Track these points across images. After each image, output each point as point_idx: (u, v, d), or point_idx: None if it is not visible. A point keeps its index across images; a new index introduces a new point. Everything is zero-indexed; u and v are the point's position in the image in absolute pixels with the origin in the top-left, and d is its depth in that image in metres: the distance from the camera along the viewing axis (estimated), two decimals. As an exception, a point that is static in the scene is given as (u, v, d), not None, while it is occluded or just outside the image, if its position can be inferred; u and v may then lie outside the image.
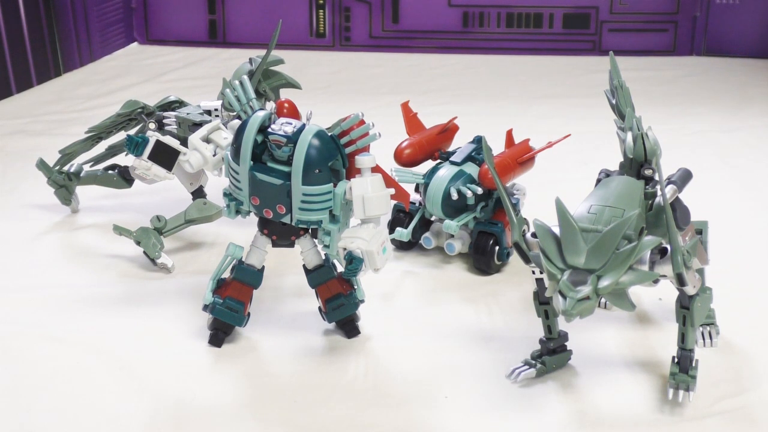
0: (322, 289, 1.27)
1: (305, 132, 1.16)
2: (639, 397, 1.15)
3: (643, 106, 1.45)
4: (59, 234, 1.68)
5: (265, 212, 1.20)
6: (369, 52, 3.14)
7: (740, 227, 1.68)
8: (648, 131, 1.19)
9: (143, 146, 1.52)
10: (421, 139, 1.58)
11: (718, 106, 2.52)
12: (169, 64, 2.99)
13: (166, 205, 1.68)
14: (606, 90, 1.29)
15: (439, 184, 1.49)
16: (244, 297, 1.26)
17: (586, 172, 1.48)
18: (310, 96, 2.10)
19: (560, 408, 1.13)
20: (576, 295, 0.97)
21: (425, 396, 1.16)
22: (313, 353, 1.27)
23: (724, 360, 1.23)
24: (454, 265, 1.54)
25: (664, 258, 1.05)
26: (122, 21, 3.18)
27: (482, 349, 1.27)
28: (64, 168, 1.70)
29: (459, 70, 2.95)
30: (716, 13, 3.07)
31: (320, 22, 3.18)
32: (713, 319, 1.27)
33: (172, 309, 1.38)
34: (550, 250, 1.00)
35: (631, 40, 3.09)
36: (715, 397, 1.14)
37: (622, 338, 1.29)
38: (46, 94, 2.63)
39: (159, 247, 1.49)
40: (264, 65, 1.63)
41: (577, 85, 2.74)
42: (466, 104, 2.45)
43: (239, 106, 1.22)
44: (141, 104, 1.67)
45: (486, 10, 3.13)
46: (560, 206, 1.02)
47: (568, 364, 1.22)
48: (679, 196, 1.18)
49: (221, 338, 1.27)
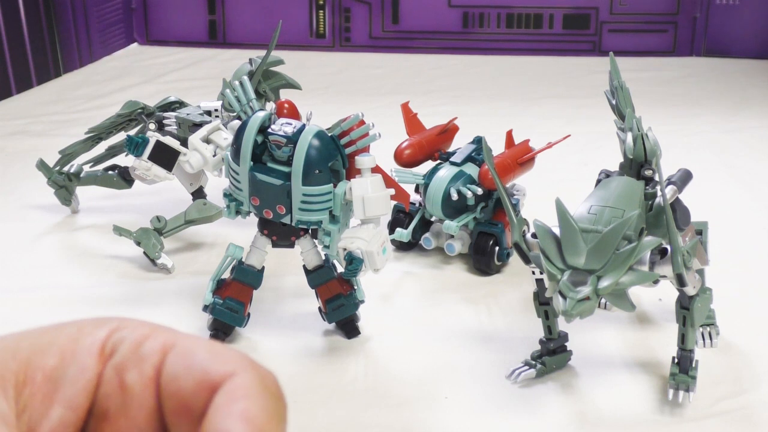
0: (322, 290, 1.27)
1: (305, 132, 1.16)
2: (639, 398, 1.15)
3: (643, 106, 1.45)
4: (59, 234, 1.68)
5: (265, 213, 1.20)
6: (369, 52, 3.14)
7: (740, 227, 1.68)
8: (648, 132, 1.19)
9: (143, 147, 1.52)
10: (421, 139, 1.58)
11: (717, 107, 2.52)
12: (169, 64, 2.99)
13: (166, 206, 1.68)
14: (606, 91, 1.29)
15: (439, 184, 1.49)
16: (244, 297, 1.26)
17: (586, 172, 1.49)
18: (310, 96, 2.10)
19: (560, 408, 1.13)
20: (576, 295, 0.97)
21: (425, 396, 1.16)
22: (313, 354, 1.27)
23: (724, 360, 1.23)
24: (454, 266, 1.54)
25: (664, 258, 1.05)
26: (122, 21, 3.18)
27: (482, 349, 1.27)
28: (64, 169, 1.70)
29: (459, 70, 2.95)
30: (716, 14, 3.07)
31: (320, 22, 3.18)
32: (713, 320, 1.27)
33: (172, 309, 1.38)
34: (550, 250, 1.00)
35: (631, 40, 3.09)
36: (715, 398, 1.14)
37: (622, 339, 1.29)
38: (46, 94, 2.63)
39: (159, 247, 1.49)
40: (264, 66, 1.63)
41: (577, 85, 2.74)
42: (466, 105, 2.45)
43: (239, 106, 1.22)
44: (141, 105, 1.67)
45: (486, 10, 3.13)
46: (560, 207, 1.02)
47: (568, 365, 1.22)
48: (679, 196, 1.18)
49: (221, 339, 1.27)
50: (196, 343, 0.39)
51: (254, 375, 0.38)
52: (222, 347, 0.39)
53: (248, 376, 0.38)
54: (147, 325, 0.41)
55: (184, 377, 0.38)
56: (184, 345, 0.39)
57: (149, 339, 0.40)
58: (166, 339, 0.39)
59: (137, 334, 0.40)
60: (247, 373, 0.38)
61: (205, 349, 0.39)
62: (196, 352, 0.39)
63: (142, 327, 0.40)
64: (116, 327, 0.40)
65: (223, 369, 0.38)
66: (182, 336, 0.40)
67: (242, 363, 0.38)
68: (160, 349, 0.39)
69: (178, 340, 0.39)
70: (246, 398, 0.37)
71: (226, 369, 0.38)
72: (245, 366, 0.38)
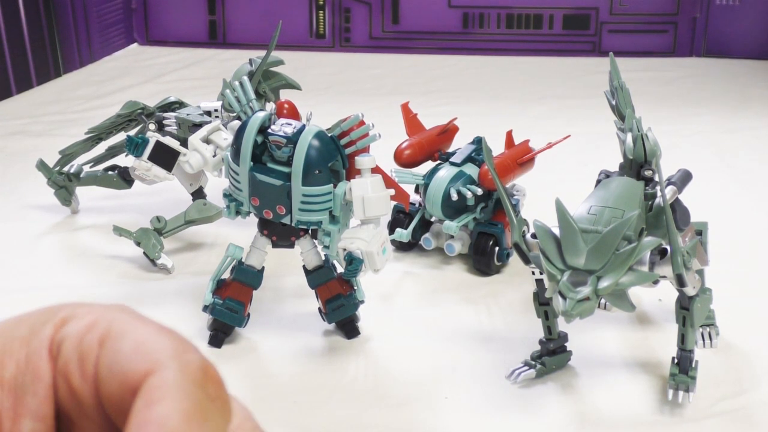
0: (322, 290, 1.27)
1: (305, 133, 1.16)
2: (639, 398, 1.15)
3: (643, 107, 1.45)
4: (59, 235, 1.68)
5: (265, 213, 1.20)
6: (369, 53, 3.14)
7: (740, 228, 1.68)
8: (648, 132, 1.19)
9: (143, 147, 1.52)
10: (421, 139, 1.58)
11: (717, 107, 2.52)
12: (168, 64, 2.99)
13: (166, 206, 1.68)
14: (606, 91, 1.29)
15: (439, 184, 1.49)
16: (244, 298, 1.26)
17: (586, 173, 1.49)
18: (310, 97, 2.10)
19: (560, 408, 1.13)
20: (576, 295, 0.97)
21: (425, 396, 1.16)
22: (313, 354, 1.27)
23: (724, 360, 1.23)
24: (454, 266, 1.54)
25: (664, 259, 1.05)
26: (122, 22, 3.18)
27: (482, 349, 1.27)
28: (64, 169, 1.70)
29: (459, 70, 2.95)
30: (716, 15, 3.07)
31: (320, 23, 3.18)
32: (713, 320, 1.27)
33: (171, 310, 1.38)
34: (550, 250, 1.00)
35: (631, 41, 3.09)
36: (715, 398, 1.14)
37: (622, 339, 1.29)
38: (46, 94, 2.63)
39: (159, 247, 1.49)
40: (264, 66, 1.63)
41: (577, 86, 2.74)
42: (466, 105, 2.45)
43: (239, 106, 1.22)
44: (141, 105, 1.67)
45: (486, 11, 3.13)
46: (560, 207, 1.02)
47: (568, 365, 1.22)
48: (679, 196, 1.18)
49: (221, 339, 1.27)
50: (125, 333, 0.35)
51: (175, 369, 0.33)
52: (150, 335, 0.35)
53: (168, 372, 0.33)
54: (94, 312, 0.36)
55: (109, 380, 0.34)
56: (115, 336, 0.35)
57: (90, 331, 0.35)
58: (104, 328, 0.35)
59: (80, 326, 0.36)
60: (167, 369, 0.33)
61: (130, 342, 0.34)
62: (120, 346, 0.34)
63: (88, 315, 0.36)
64: (63, 319, 0.36)
65: (143, 366, 0.33)
66: (120, 321, 0.35)
67: (163, 355, 0.34)
68: (97, 343, 0.35)
69: (113, 328, 0.35)
70: (161, 400, 0.32)
71: (144, 367, 0.33)
72: (165, 358, 0.34)
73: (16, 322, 0.37)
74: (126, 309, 0.37)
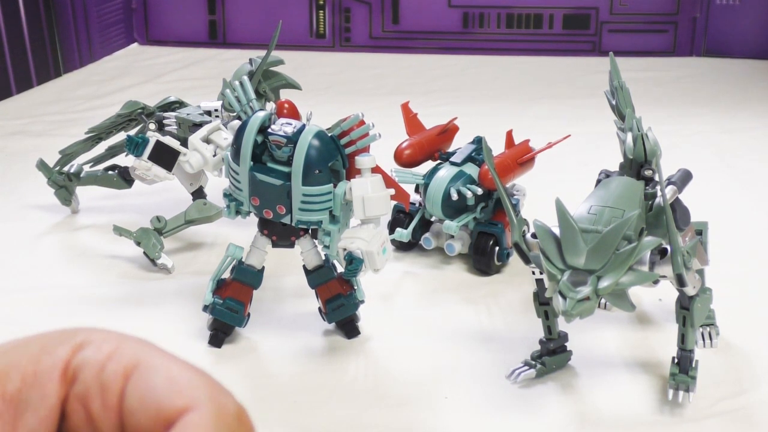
0: (322, 290, 1.27)
1: (305, 132, 1.16)
2: (639, 398, 1.15)
3: (643, 106, 1.45)
4: (59, 234, 1.68)
5: (265, 213, 1.20)
6: (369, 52, 3.14)
7: (740, 228, 1.68)
8: (648, 132, 1.19)
9: (143, 147, 1.52)
10: (421, 139, 1.58)
11: (718, 107, 2.52)
12: (169, 64, 2.99)
13: (166, 206, 1.68)
14: (606, 91, 1.29)
15: (439, 184, 1.49)
16: (244, 297, 1.26)
17: (586, 172, 1.48)
18: (310, 96, 2.10)
19: (560, 408, 1.13)
20: (576, 295, 0.97)
21: (425, 396, 1.16)
22: (313, 354, 1.27)
23: (724, 360, 1.23)
24: (454, 266, 1.54)
25: (664, 259, 1.05)
26: (122, 21, 3.18)
27: (482, 349, 1.27)
28: (64, 168, 1.70)
29: (459, 70, 2.95)
30: (716, 14, 3.07)
31: (320, 22, 3.18)
32: (713, 320, 1.27)
33: (171, 309, 1.38)
34: (550, 250, 1.00)
35: (631, 40, 3.09)
36: (715, 398, 1.14)
37: (622, 339, 1.29)
38: (46, 94, 2.63)
39: (159, 247, 1.49)
40: (264, 66, 1.63)
41: (577, 85, 2.74)
42: (466, 105, 2.45)
43: (239, 106, 1.22)
44: (141, 105, 1.67)
45: (486, 10, 3.13)
46: (560, 207, 1.02)
47: (568, 365, 1.22)
48: (679, 196, 1.18)
49: (221, 339, 1.27)
50: (156, 368, 0.36)
51: (211, 410, 0.35)
52: (184, 372, 0.36)
53: (203, 412, 0.34)
54: (113, 340, 0.37)
55: (139, 412, 0.35)
56: (144, 369, 0.36)
57: (112, 360, 0.36)
58: (128, 360, 0.36)
59: (101, 354, 0.37)
60: (203, 409, 0.34)
61: (163, 377, 0.36)
62: (153, 380, 0.35)
63: (107, 343, 0.37)
64: (80, 344, 0.37)
65: (178, 403, 0.35)
66: (146, 354, 0.37)
67: (200, 394, 0.35)
68: (122, 373, 0.36)
69: (141, 361, 0.36)
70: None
71: (181, 403, 0.35)
72: (203, 398, 0.35)
73: (28, 340, 0.38)
74: (144, 341, 0.38)
